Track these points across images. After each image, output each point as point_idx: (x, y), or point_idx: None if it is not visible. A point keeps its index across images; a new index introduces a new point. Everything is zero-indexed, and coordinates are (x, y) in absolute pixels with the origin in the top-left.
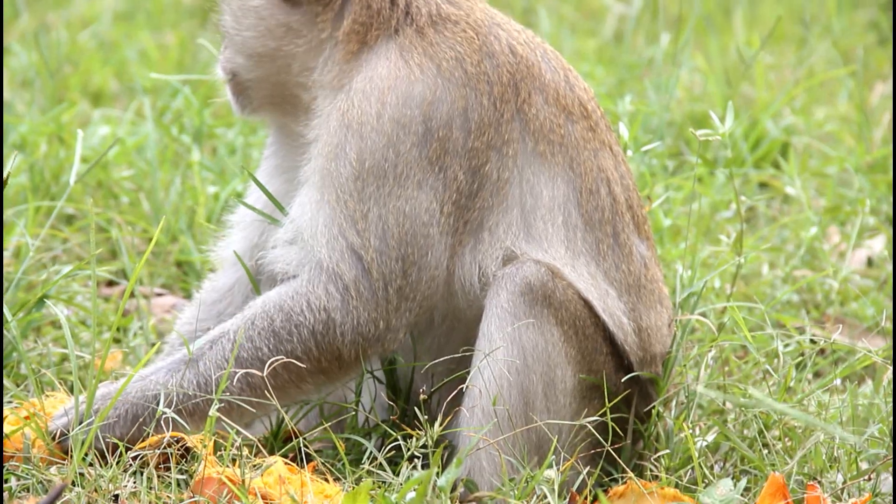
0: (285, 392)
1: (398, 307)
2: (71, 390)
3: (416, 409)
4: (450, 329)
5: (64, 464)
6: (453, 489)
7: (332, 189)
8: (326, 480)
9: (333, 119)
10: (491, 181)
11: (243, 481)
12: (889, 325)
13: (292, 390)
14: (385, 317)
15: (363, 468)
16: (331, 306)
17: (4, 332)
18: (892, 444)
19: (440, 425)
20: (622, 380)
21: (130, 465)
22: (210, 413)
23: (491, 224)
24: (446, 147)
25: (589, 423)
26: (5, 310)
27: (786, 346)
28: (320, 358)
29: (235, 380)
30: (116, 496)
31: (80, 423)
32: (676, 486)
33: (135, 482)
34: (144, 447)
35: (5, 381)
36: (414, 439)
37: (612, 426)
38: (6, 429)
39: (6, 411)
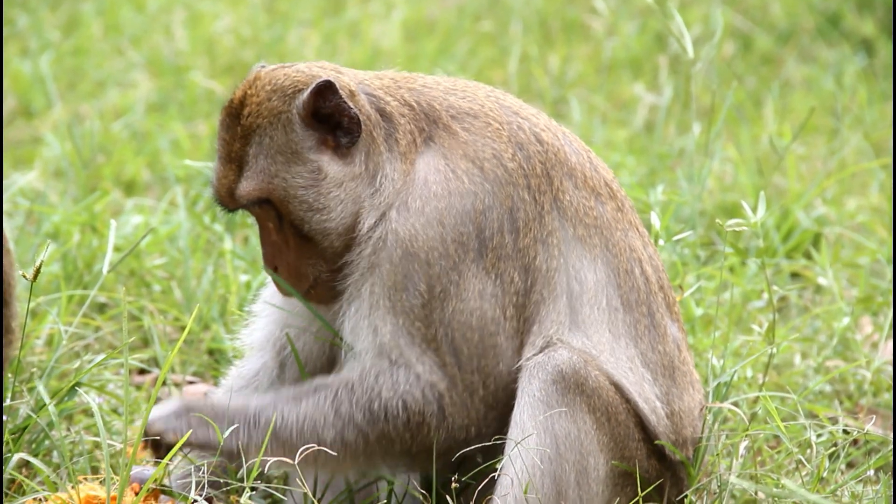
0: (372, 461)
1: (486, 416)
2: (102, 480)
3: (448, 497)
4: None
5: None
6: None
7: (404, 315)
8: None
9: (397, 248)
10: (542, 273)
11: None
12: None
13: (378, 461)
14: (476, 424)
15: None
16: (427, 411)
17: (38, 419)
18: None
19: None
20: (655, 442)
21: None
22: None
23: (542, 317)
24: (499, 254)
25: None
26: (42, 391)
27: (818, 436)
28: (412, 447)
29: (332, 431)
30: None
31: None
32: None
33: None
34: None
35: (39, 464)
36: None
37: None
38: None
39: (32, 503)
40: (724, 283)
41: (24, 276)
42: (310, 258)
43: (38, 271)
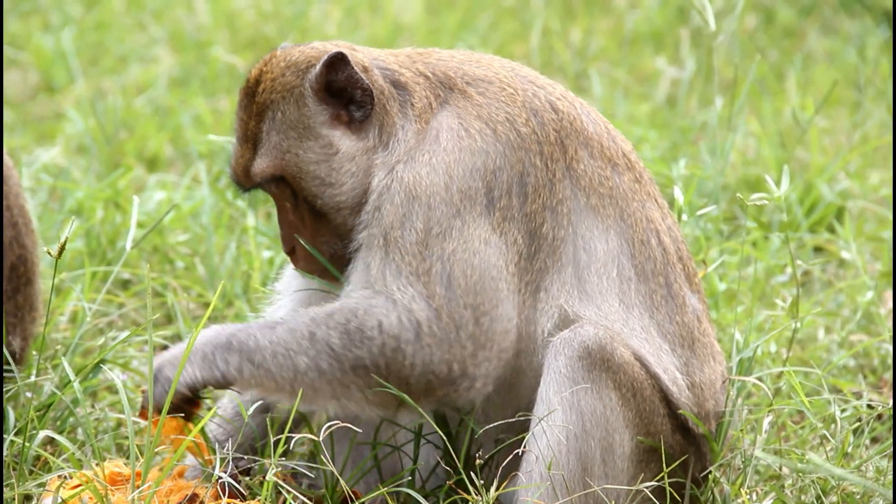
0: (349, 393)
1: (474, 354)
2: (127, 455)
3: (472, 473)
4: (507, 392)
5: None
6: None
7: (397, 251)
8: None
9: (399, 192)
10: (547, 242)
11: None
12: None
13: (356, 394)
14: (460, 361)
15: None
16: (402, 337)
17: (63, 396)
18: (892, 421)
19: (496, 490)
20: (678, 411)
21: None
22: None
23: (546, 284)
24: (505, 215)
25: (646, 487)
26: (68, 369)
27: (843, 411)
28: (388, 377)
29: (306, 358)
30: None
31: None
32: None
33: None
34: None
35: (65, 441)
36: None
37: (670, 491)
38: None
39: (57, 480)
40: (748, 258)
41: (49, 253)
42: (324, 235)
43: (62, 248)
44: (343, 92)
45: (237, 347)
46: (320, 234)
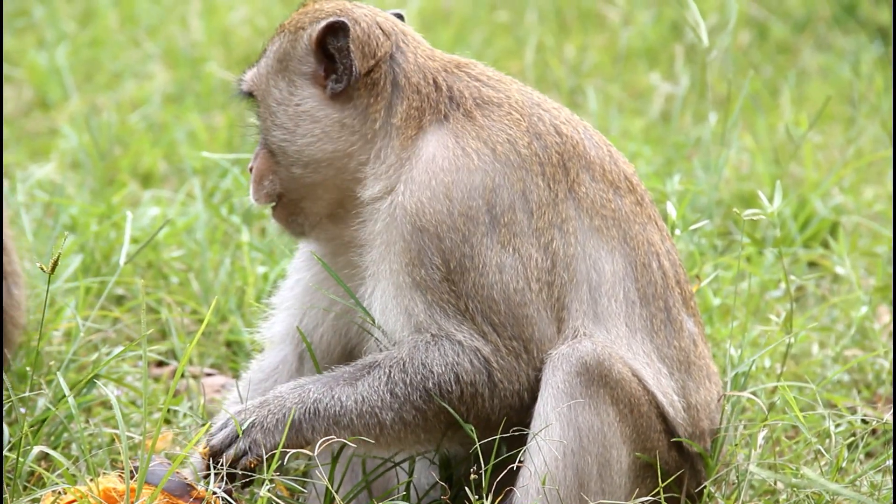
0: (431, 434)
1: (537, 379)
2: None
3: (467, 488)
4: None
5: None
6: None
7: (429, 291)
8: None
9: (406, 223)
10: (560, 257)
11: None
12: None
13: (437, 435)
14: (529, 390)
15: None
16: (478, 381)
17: (57, 412)
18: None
19: None
20: (672, 440)
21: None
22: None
23: (568, 302)
24: (514, 230)
25: (642, 503)
26: (63, 383)
27: (837, 426)
28: (468, 419)
29: (391, 413)
30: None
31: (240, 434)
32: None
33: None
34: None
35: (59, 457)
36: None
37: None
38: None
39: (52, 495)
40: (742, 273)
41: (42, 269)
42: (272, 172)
43: (55, 264)
44: (333, 58)
45: (324, 414)
46: (269, 169)
